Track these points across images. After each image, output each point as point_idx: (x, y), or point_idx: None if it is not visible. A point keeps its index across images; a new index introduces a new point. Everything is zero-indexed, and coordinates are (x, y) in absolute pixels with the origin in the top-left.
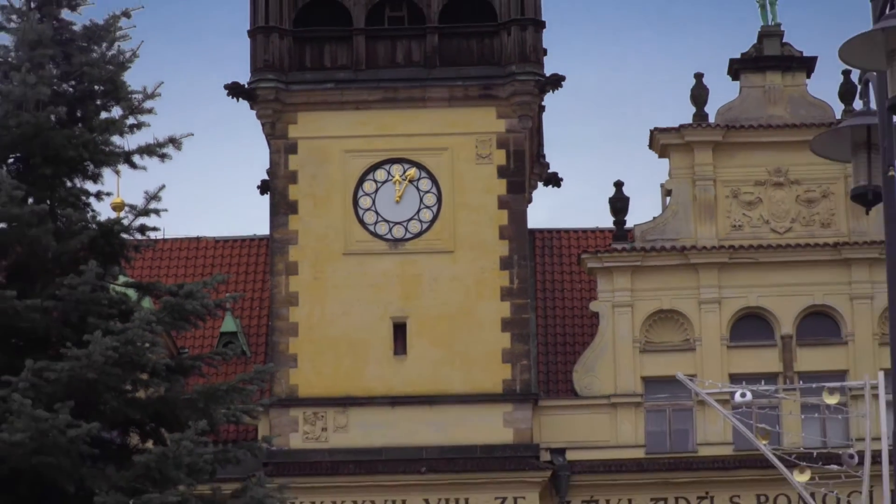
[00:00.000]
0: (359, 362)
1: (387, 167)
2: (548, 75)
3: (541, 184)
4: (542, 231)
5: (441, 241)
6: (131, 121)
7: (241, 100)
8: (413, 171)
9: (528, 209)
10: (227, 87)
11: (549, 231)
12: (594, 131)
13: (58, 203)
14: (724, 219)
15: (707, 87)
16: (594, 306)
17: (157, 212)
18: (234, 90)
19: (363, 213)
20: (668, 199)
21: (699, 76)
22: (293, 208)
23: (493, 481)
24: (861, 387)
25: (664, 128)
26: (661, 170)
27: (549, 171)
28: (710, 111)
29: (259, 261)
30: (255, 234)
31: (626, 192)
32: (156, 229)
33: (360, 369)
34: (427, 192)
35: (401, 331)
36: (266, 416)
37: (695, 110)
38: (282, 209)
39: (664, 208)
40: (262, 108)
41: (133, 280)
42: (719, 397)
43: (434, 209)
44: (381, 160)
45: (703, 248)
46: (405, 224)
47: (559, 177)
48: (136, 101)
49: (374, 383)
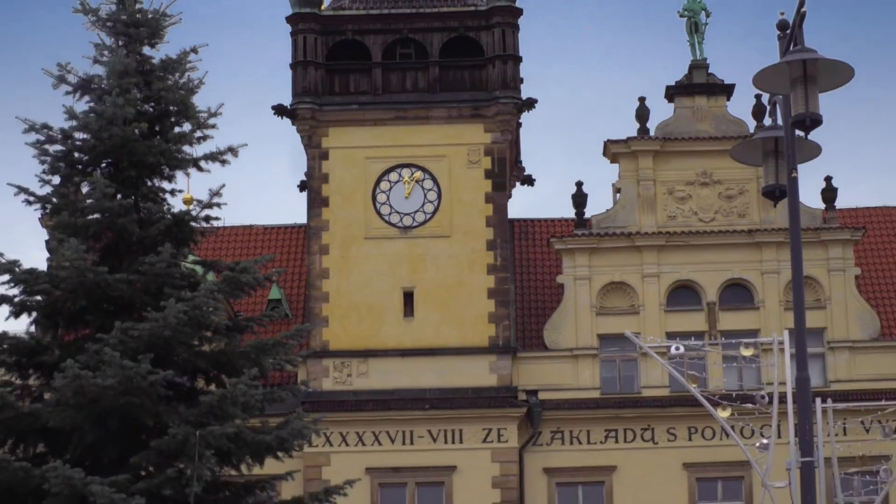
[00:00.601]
0: (376, 323)
1: (398, 170)
2: (524, 99)
3: (518, 183)
4: (519, 220)
5: (441, 228)
6: (198, 134)
7: (284, 118)
8: (419, 174)
9: (508, 203)
10: (274, 108)
11: (525, 220)
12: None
13: (140, 198)
14: (661, 211)
15: (648, 108)
16: (560, 279)
17: (218, 205)
18: (280, 110)
19: (380, 206)
20: (617, 195)
21: (642, 99)
22: (325, 202)
23: (481, 416)
24: (770, 342)
25: (615, 139)
26: (612, 172)
27: (524, 173)
28: (651, 126)
29: (298, 244)
30: (295, 223)
31: (585, 189)
32: (217, 219)
33: (377, 328)
34: (429, 189)
35: (409, 298)
36: (304, 364)
37: (639, 126)
38: (316, 203)
39: (615, 202)
40: (301, 125)
41: (200, 258)
42: (658, 350)
43: (435, 203)
44: (393, 165)
45: (645, 233)
46: (413, 215)
47: (533, 178)
48: (202, 118)
49: (388, 339)
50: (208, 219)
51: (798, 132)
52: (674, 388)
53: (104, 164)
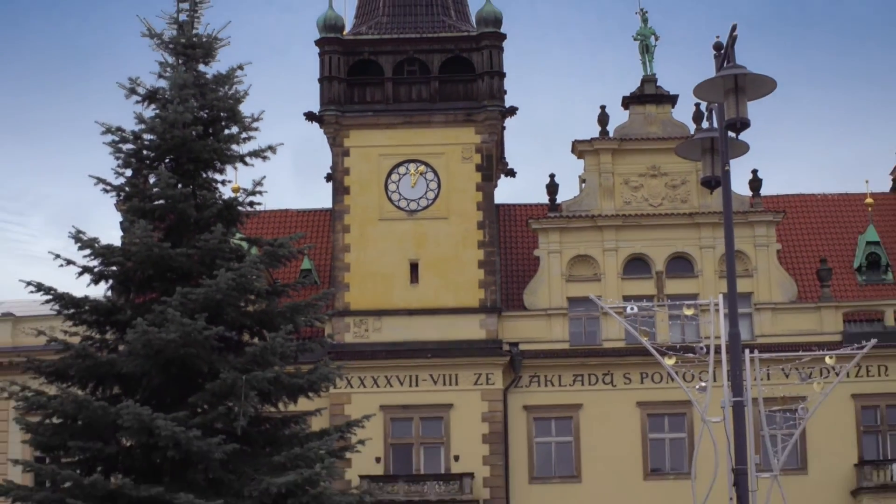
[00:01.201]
0: (388, 288)
1: (406, 165)
2: (507, 107)
3: (503, 175)
4: (504, 205)
5: (440, 211)
6: (244, 135)
7: (313, 122)
8: (422, 168)
9: (494, 191)
10: (305, 115)
11: (508, 205)
12: (537, 141)
13: (197, 187)
14: (619, 197)
15: (608, 114)
16: (536, 252)
17: (260, 192)
18: (310, 116)
19: (391, 194)
20: (583, 185)
21: (603, 107)
22: (347, 191)
23: (472, 363)
24: (707, 304)
25: (581, 140)
26: (578, 166)
27: (508, 167)
28: (611, 129)
29: (325, 224)
30: (322, 207)
31: (557, 180)
32: (260, 204)
33: (388, 292)
34: (431, 180)
35: (415, 268)
36: (329, 322)
37: (600, 128)
38: (339, 191)
39: (581, 191)
40: (327, 128)
41: (245, 236)
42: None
43: (436, 191)
44: (402, 160)
45: (606, 215)
46: (417, 201)
47: (514, 171)
48: (247, 122)
49: (397, 301)
50: (252, 204)
51: (730, 133)
52: (629, 340)
53: (167, 160)
